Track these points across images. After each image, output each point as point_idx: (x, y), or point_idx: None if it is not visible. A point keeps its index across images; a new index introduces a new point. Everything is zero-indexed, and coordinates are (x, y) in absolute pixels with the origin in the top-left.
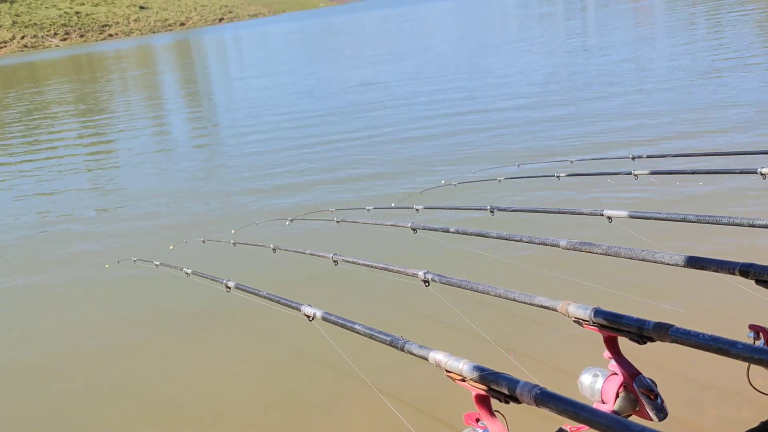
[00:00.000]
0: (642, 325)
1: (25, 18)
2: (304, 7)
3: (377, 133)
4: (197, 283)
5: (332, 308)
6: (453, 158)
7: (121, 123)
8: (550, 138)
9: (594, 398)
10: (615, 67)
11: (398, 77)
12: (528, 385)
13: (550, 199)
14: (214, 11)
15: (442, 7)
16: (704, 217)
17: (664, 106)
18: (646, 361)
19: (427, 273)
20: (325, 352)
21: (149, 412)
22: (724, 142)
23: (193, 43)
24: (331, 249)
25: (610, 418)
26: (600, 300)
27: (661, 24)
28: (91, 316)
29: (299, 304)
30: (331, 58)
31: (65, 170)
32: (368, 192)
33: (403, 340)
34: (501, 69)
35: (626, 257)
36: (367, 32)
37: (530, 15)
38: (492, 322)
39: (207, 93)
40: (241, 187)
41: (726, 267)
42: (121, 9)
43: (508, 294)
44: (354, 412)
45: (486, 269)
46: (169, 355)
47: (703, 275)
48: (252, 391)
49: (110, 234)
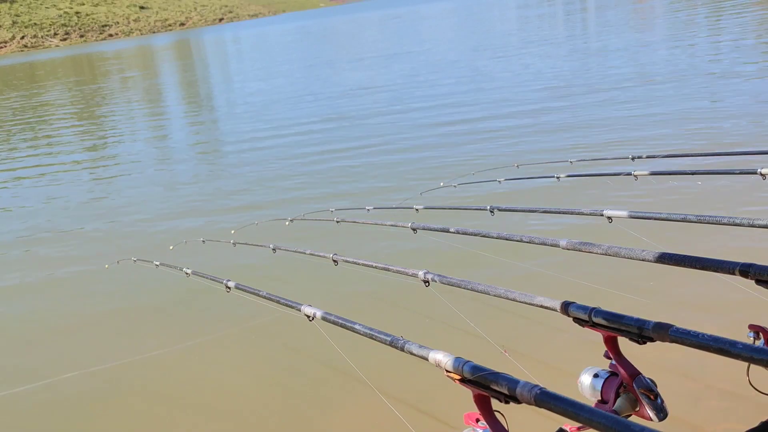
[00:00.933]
0: (642, 325)
1: (25, 18)
2: (303, 7)
3: (377, 134)
4: (197, 283)
5: (332, 308)
6: (453, 159)
7: (121, 124)
8: (550, 139)
9: (594, 398)
10: (615, 67)
11: (398, 78)
12: (528, 385)
13: (550, 200)
14: (214, 11)
15: (442, 8)
16: (704, 217)
17: (664, 107)
18: (646, 361)
19: (427, 273)
20: (325, 352)
21: (149, 412)
22: (724, 142)
23: (193, 43)
24: (331, 249)
25: (610, 418)
26: (600, 300)
27: (661, 24)
28: (90, 316)
29: (299, 304)
30: (331, 59)
31: (65, 171)
32: (368, 192)
33: (403, 340)
34: (501, 70)
35: (626, 257)
36: (367, 33)
37: (530, 15)
38: (492, 322)
39: (207, 94)
40: (241, 187)
41: (726, 267)
42: (121, 9)
43: (508, 294)
44: (354, 412)
45: (486, 269)
46: (169, 355)
47: (703, 275)
48: (252, 391)
49: (110, 234)
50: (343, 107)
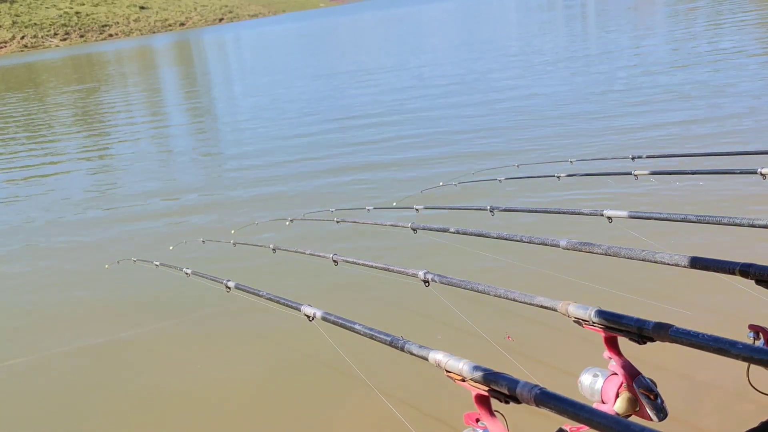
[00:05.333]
0: (642, 325)
1: (25, 18)
2: (304, 7)
3: (377, 134)
4: (197, 283)
5: (332, 308)
6: (453, 159)
7: (121, 124)
8: (550, 139)
9: (594, 398)
10: (614, 67)
11: (398, 78)
12: (528, 385)
13: (550, 200)
14: (214, 11)
15: (442, 8)
16: (704, 217)
17: (664, 107)
18: (646, 361)
19: (427, 273)
20: (325, 352)
21: (148, 412)
22: (724, 142)
23: (193, 43)
24: (331, 249)
25: (610, 418)
26: (600, 300)
27: (661, 23)
28: (90, 316)
29: (299, 304)
30: (331, 59)
31: (65, 171)
32: (368, 192)
33: (403, 340)
34: (501, 70)
35: (626, 257)
36: (367, 34)
37: (530, 15)
38: (492, 322)
39: (207, 94)
40: (241, 187)
41: (726, 267)
42: (121, 9)
43: (508, 294)
44: (354, 412)
45: (486, 269)
46: (169, 356)
47: (703, 275)
48: (252, 391)
49: (110, 234)
50: (343, 107)
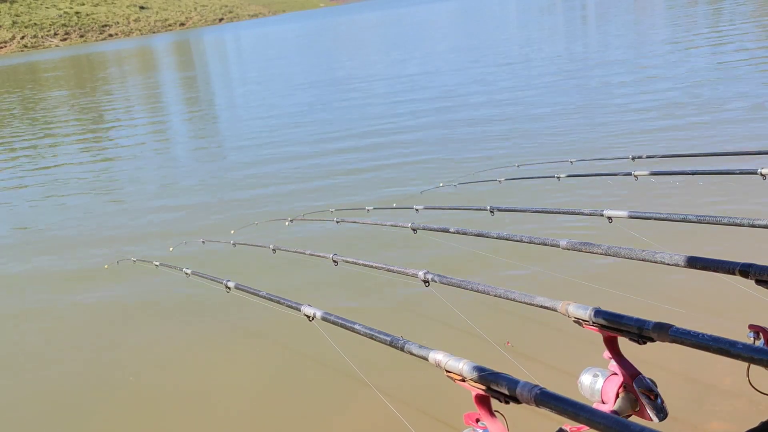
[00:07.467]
0: (642, 325)
1: (25, 18)
2: (304, 7)
3: (377, 135)
4: (197, 283)
5: (332, 308)
6: (453, 159)
7: (121, 124)
8: (550, 139)
9: (594, 398)
10: (615, 68)
11: (398, 79)
12: (528, 385)
13: (550, 200)
14: (214, 11)
15: (442, 8)
16: (704, 217)
17: (665, 107)
18: (646, 361)
19: (427, 273)
20: (325, 352)
21: (148, 412)
22: (724, 142)
23: (193, 43)
24: (331, 249)
25: (610, 418)
26: (600, 300)
27: (661, 24)
28: (90, 317)
29: (299, 304)
30: (331, 60)
31: (64, 171)
32: (368, 192)
33: (403, 340)
34: (501, 70)
35: (626, 257)
36: (367, 34)
37: (530, 15)
38: (492, 322)
39: (206, 94)
40: (241, 187)
41: (726, 267)
42: (121, 9)
43: (508, 294)
44: (354, 412)
45: (486, 269)
46: (169, 356)
47: (703, 275)
48: (251, 391)
49: (110, 234)
50: (343, 107)
